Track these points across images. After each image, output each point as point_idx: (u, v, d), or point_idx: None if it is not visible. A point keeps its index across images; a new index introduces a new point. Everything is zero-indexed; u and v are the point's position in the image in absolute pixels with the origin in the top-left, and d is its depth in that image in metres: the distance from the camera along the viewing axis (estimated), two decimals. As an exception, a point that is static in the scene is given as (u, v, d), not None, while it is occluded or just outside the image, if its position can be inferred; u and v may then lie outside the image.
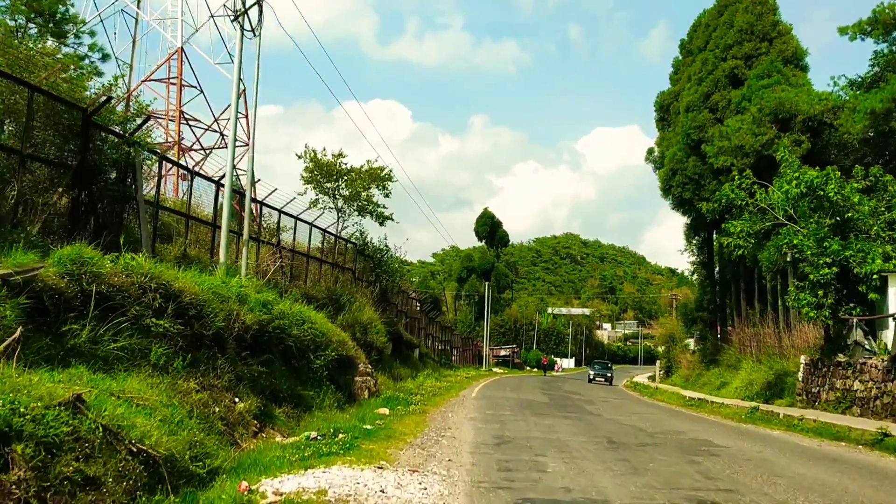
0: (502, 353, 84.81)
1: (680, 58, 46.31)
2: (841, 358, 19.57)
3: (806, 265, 20.13)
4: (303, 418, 14.02)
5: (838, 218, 20.77)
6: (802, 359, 22.35)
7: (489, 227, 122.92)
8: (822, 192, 20.51)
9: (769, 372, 28.32)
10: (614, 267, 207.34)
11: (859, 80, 31.25)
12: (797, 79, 33.66)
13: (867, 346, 18.90)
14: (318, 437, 11.91)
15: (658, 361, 64.99)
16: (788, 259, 21.67)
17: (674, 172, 37.81)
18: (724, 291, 43.58)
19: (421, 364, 38.16)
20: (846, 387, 19.08)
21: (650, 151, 46.99)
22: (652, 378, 70.57)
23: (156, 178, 15.26)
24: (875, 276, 19.03)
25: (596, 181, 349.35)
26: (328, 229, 25.35)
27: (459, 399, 22.10)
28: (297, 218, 22.68)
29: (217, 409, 11.15)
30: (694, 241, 47.57)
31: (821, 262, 19.90)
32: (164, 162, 17.62)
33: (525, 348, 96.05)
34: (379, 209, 31.04)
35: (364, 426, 13.59)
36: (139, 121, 13.87)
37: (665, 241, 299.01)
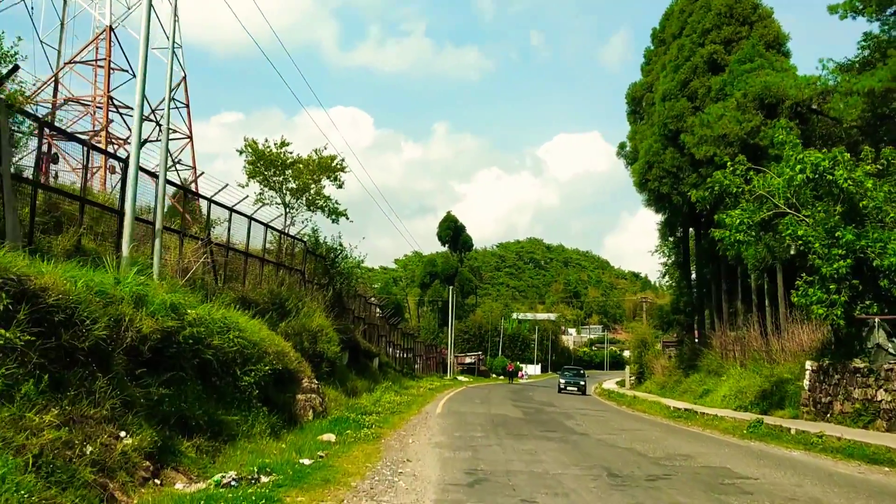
0: (467, 360, 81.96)
1: (652, 48, 44.06)
2: (859, 363, 17.05)
3: (816, 258, 17.61)
4: (222, 451, 10.99)
5: (848, 205, 18.33)
6: (808, 365, 19.85)
7: (452, 232, 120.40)
8: (830, 177, 18.04)
9: (762, 379, 25.88)
10: (578, 271, 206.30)
11: (848, 63, 29.09)
12: (781, 63, 31.48)
13: (892, 350, 16.43)
14: (233, 482, 8.96)
15: (627, 367, 62.84)
16: (793, 252, 19.16)
17: (650, 165, 35.40)
18: (702, 292, 41.28)
19: (381, 375, 35.12)
20: (867, 397, 16.56)
21: (622, 146, 44.68)
22: (621, 384, 68.23)
23: (35, 152, 12.04)
24: (900, 269, 16.56)
25: (558, 187, 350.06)
26: (272, 224, 22.27)
27: (422, 417, 19.16)
28: (231, 209, 19.56)
29: (89, 450, 8.12)
30: (670, 240, 45.33)
31: (833, 253, 17.41)
32: (61, 139, 14.46)
33: (490, 355, 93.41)
34: (331, 204, 28.01)
35: (300, 461, 10.64)
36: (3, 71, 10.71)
37: (627, 246, 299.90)
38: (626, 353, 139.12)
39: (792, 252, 19.23)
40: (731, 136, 29.11)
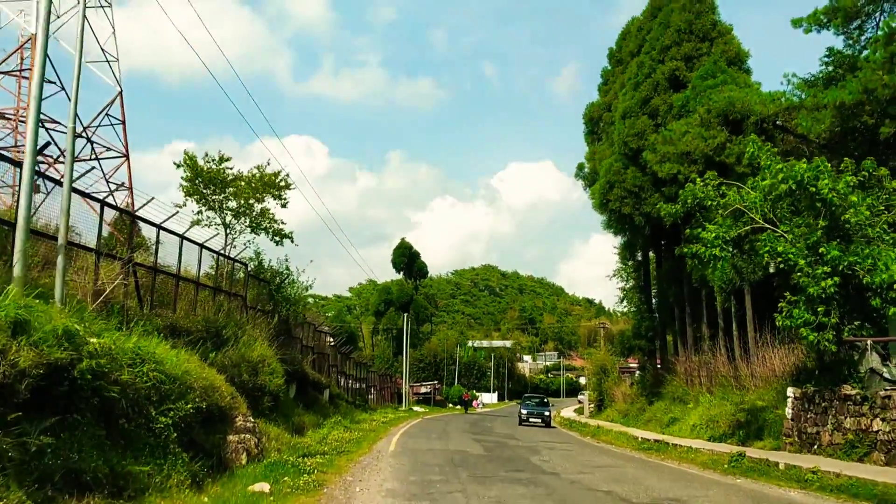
0: (423, 389, 79.74)
1: (609, 67, 43.28)
2: (850, 390, 15.66)
3: (802, 276, 16.28)
4: (126, 512, 9.00)
5: (831, 220, 17.09)
6: (790, 391, 18.45)
7: (407, 259, 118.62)
8: (812, 189, 16.79)
9: (733, 407, 24.51)
10: (533, 298, 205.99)
11: (812, 78, 28.33)
12: (744, 80, 30.64)
13: (887, 375, 15.10)
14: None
15: (586, 394, 61.37)
16: (772, 270, 17.87)
17: (611, 185, 34.20)
18: (665, 316, 40.10)
19: (331, 408, 32.95)
20: (861, 427, 15.15)
21: (580, 167, 43.59)
22: (580, 412, 66.75)
23: None
24: (893, 289, 15.25)
25: (512, 215, 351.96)
26: (208, 245, 20.20)
27: (373, 456, 17.17)
28: (159, 227, 17.48)
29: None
30: (630, 263, 44.18)
31: (818, 272, 16.10)
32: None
33: (447, 384, 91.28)
34: (276, 225, 26.00)
35: (222, 521, 8.70)
36: None
37: (581, 273, 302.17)
38: (583, 380, 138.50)
39: (771, 270, 17.94)
40: (696, 152, 28.04)
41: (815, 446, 16.74)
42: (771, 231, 18.11)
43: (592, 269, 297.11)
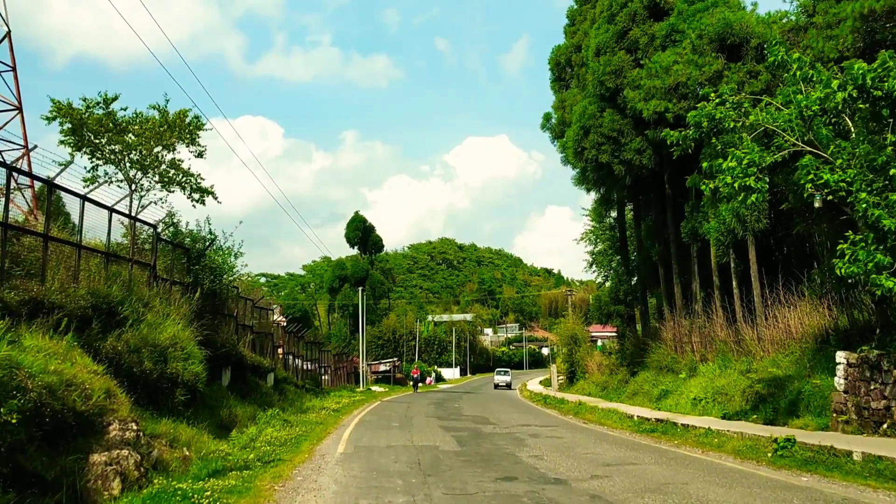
0: (382, 368, 75.57)
1: (575, 6, 39.03)
2: (940, 353, 11.96)
3: (871, 209, 12.40)
4: None
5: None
6: (841, 357, 14.72)
7: (361, 233, 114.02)
8: (878, 93, 12.91)
9: (746, 378, 20.93)
10: (492, 270, 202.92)
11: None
12: (735, 1, 26.77)
13: None
14: None
15: (554, 366, 57.92)
16: (817, 204, 14.00)
17: (586, 131, 30.15)
18: (647, 278, 36.40)
19: (276, 394, 28.57)
20: (961, 400, 11.46)
21: (546, 118, 39.37)
22: (546, 384, 63.25)
23: None
24: None
25: (468, 191, 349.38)
26: (90, 196, 15.53)
27: (313, 465, 12.90)
28: (11, 169, 12.79)
29: None
30: (604, 224, 40.39)
31: (893, 200, 12.27)
32: None
33: (407, 360, 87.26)
34: (193, 179, 21.33)
35: None
36: None
37: (538, 244, 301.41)
38: (546, 351, 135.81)
39: (817, 205, 14.06)
40: (690, 82, 24.14)
41: (885, 425, 13.04)
42: (812, 156, 14.24)
43: (550, 239, 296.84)
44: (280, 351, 38.52)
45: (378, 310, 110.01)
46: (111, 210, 16.60)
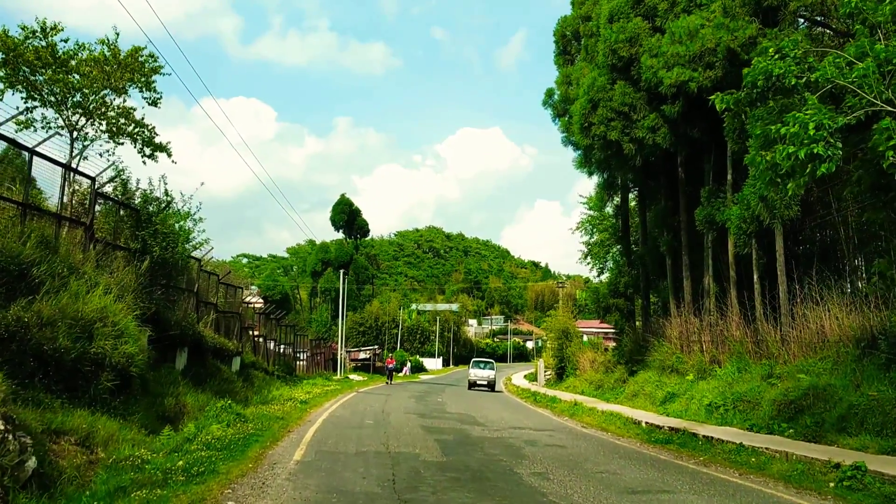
0: (362, 355, 72.72)
1: (584, -25, 36.14)
2: None
3: None
4: None
5: None
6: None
7: (347, 216, 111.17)
8: None
9: (761, 382, 18.37)
10: (479, 260, 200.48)
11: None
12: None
13: None
14: None
15: (541, 360, 55.38)
16: (901, 176, 11.30)
17: (594, 105, 27.36)
18: (652, 269, 33.69)
19: (239, 381, 25.76)
20: None
21: (549, 93, 36.49)
22: (531, 378, 60.60)
23: None
24: None
25: (459, 182, 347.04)
26: (1, 132, 12.58)
27: (259, 476, 10.02)
28: None
29: None
30: (606, 211, 37.67)
31: None
32: None
33: (388, 349, 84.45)
34: (146, 131, 18.36)
35: None
36: None
37: (525, 237, 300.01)
38: (530, 345, 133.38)
39: (898, 175, 11.36)
40: (720, 49, 21.40)
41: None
42: (892, 118, 11.53)
43: (538, 233, 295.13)
44: (254, 333, 35.67)
45: (361, 296, 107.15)
46: (31, 151, 13.63)
